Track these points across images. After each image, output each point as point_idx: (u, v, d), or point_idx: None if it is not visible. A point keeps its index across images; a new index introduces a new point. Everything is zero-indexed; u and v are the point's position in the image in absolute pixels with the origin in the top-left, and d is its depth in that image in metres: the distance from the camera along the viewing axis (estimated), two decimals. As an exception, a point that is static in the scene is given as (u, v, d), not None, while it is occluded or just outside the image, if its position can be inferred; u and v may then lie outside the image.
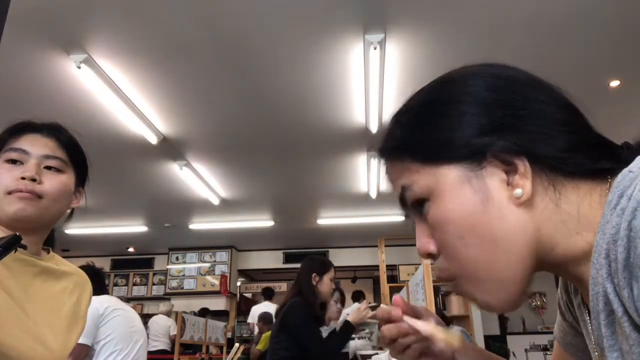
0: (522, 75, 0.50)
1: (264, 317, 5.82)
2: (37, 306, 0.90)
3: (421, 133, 0.50)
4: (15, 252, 0.78)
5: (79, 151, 1.02)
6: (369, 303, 2.59)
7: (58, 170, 0.95)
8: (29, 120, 0.98)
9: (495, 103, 0.47)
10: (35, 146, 0.93)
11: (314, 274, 2.54)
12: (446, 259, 0.48)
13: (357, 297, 7.04)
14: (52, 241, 1.09)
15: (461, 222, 0.46)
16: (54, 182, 0.93)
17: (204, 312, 7.13)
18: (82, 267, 2.83)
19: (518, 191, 0.45)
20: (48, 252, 1.02)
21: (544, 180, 0.45)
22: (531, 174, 0.45)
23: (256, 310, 6.75)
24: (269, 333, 5.07)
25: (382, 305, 0.63)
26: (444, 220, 0.47)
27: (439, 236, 0.48)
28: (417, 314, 0.61)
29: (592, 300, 0.41)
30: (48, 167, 0.94)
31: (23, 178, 0.89)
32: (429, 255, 0.50)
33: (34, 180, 0.89)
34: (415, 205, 0.50)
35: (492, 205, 0.45)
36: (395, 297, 0.61)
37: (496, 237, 0.45)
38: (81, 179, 1.04)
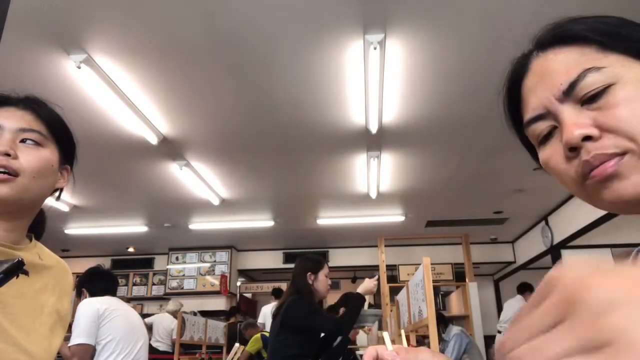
0: None
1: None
2: (19, 309, 0.81)
3: (616, 26, 0.55)
4: (17, 277, 0.75)
5: (61, 125, 0.91)
6: (376, 277, 2.68)
7: (37, 144, 0.84)
8: (3, 93, 0.88)
9: None
10: (10, 119, 0.83)
11: (309, 273, 2.56)
12: (625, 134, 0.50)
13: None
14: (42, 225, 0.96)
15: None
16: (32, 157, 0.82)
17: (233, 311, 7.19)
18: (91, 269, 2.83)
19: None
20: (31, 240, 0.90)
21: None
22: None
23: (266, 310, 6.74)
24: (258, 335, 5.07)
25: (369, 347, 0.63)
26: (636, 97, 0.50)
27: (621, 113, 0.50)
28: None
29: None
30: (25, 141, 0.84)
31: None
32: (584, 139, 0.51)
33: (8, 155, 0.79)
34: (587, 90, 0.52)
35: None
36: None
37: None
38: (67, 156, 0.93)
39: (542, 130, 0.56)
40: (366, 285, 2.60)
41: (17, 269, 0.70)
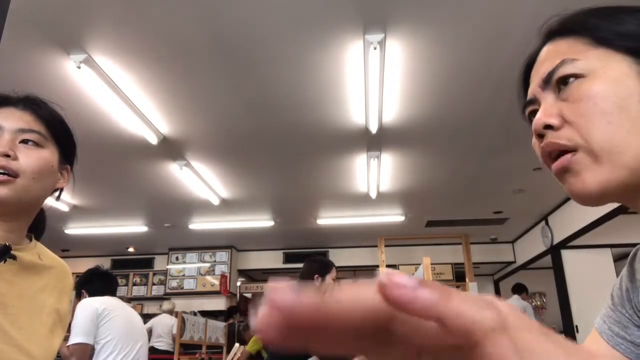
0: None
1: None
2: (19, 309, 0.81)
3: (606, 20, 0.55)
4: (4, 262, 0.75)
5: (62, 125, 0.91)
6: None
7: (36, 145, 0.84)
8: (2, 93, 0.88)
9: None
10: (10, 120, 0.83)
11: (316, 276, 2.55)
12: (579, 130, 0.51)
13: None
14: (43, 225, 0.97)
15: (615, 100, 0.49)
16: (31, 158, 0.82)
17: (232, 311, 7.21)
18: (90, 270, 2.83)
19: None
20: (31, 240, 0.91)
21: None
22: None
23: None
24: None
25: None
26: (598, 94, 0.50)
27: (582, 107, 0.51)
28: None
29: None
30: (25, 142, 0.83)
31: None
32: (546, 127, 0.53)
33: (7, 156, 0.79)
34: (559, 81, 0.53)
35: None
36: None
37: (639, 128, 0.48)
38: (67, 156, 0.92)
39: (531, 114, 0.59)
40: None
41: (4, 253, 0.70)
